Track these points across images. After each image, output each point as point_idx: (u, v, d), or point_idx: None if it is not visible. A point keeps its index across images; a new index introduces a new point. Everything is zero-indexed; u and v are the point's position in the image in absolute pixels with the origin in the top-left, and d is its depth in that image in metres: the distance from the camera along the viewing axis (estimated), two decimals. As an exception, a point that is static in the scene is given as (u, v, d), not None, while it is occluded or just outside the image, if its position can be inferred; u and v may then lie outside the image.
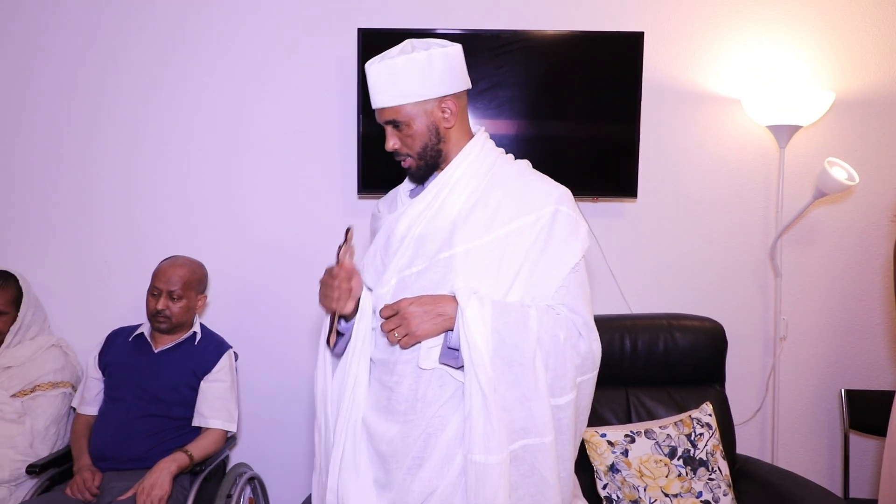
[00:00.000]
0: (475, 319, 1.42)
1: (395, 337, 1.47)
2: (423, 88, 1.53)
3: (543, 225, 1.54)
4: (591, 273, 2.72)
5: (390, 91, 1.54)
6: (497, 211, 1.55)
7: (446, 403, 1.49)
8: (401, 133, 1.57)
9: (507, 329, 1.44)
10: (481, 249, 1.52)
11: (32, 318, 2.54)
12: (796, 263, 2.76)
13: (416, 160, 1.59)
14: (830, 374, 2.79)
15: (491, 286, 1.51)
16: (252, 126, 2.71)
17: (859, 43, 2.69)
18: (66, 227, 2.73)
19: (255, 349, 2.73)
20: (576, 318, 1.53)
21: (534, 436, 1.47)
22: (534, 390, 1.46)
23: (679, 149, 2.72)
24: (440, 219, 1.56)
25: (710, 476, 2.20)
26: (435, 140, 1.57)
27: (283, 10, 2.67)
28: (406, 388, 1.50)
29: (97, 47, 2.69)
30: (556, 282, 1.53)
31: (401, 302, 1.47)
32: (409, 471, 1.49)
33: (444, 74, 1.54)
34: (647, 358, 2.43)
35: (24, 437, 2.34)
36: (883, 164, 2.71)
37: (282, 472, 2.77)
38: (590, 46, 2.58)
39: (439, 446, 1.48)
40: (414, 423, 1.49)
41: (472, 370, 1.42)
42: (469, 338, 1.42)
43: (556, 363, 1.49)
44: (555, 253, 1.54)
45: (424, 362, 1.49)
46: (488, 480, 1.41)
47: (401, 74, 1.52)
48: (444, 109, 1.57)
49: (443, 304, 1.47)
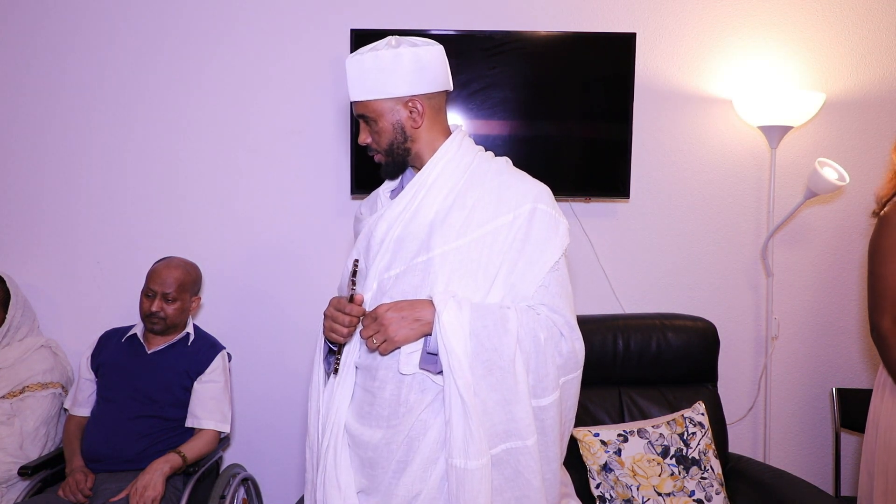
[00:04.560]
0: (452, 324, 1.41)
1: (374, 343, 1.45)
2: (388, 86, 1.52)
3: (521, 224, 1.52)
4: (583, 273, 2.73)
5: (359, 86, 1.53)
6: (473, 211, 1.52)
7: (428, 408, 1.48)
8: (370, 128, 1.57)
9: (485, 332, 1.43)
10: (458, 252, 1.50)
11: (21, 319, 2.53)
12: (788, 263, 2.77)
13: (384, 156, 1.59)
14: (822, 373, 2.81)
15: (470, 288, 1.49)
16: (245, 127, 2.70)
17: (850, 44, 2.71)
18: (58, 229, 2.71)
19: (249, 350, 2.73)
20: (556, 318, 1.50)
21: (516, 439, 1.46)
22: (514, 393, 1.44)
23: (671, 149, 2.73)
24: (418, 220, 1.54)
25: (702, 475, 2.21)
26: (401, 139, 1.56)
27: (275, 11, 2.67)
28: (388, 394, 1.50)
29: (88, 48, 2.68)
30: (536, 282, 1.51)
31: (378, 308, 1.46)
32: (393, 474, 1.49)
33: (412, 74, 1.51)
34: (639, 358, 2.44)
35: (13, 438, 2.33)
36: (873, 164, 2.73)
37: (275, 473, 2.77)
38: (582, 47, 2.59)
39: (422, 450, 1.47)
40: (397, 429, 1.48)
41: (451, 375, 1.40)
42: (446, 343, 1.40)
43: (538, 364, 1.47)
44: (533, 252, 1.51)
45: (405, 367, 1.48)
46: (469, 485, 1.40)
47: (368, 70, 1.51)
48: (410, 109, 1.54)
49: (420, 309, 1.45)
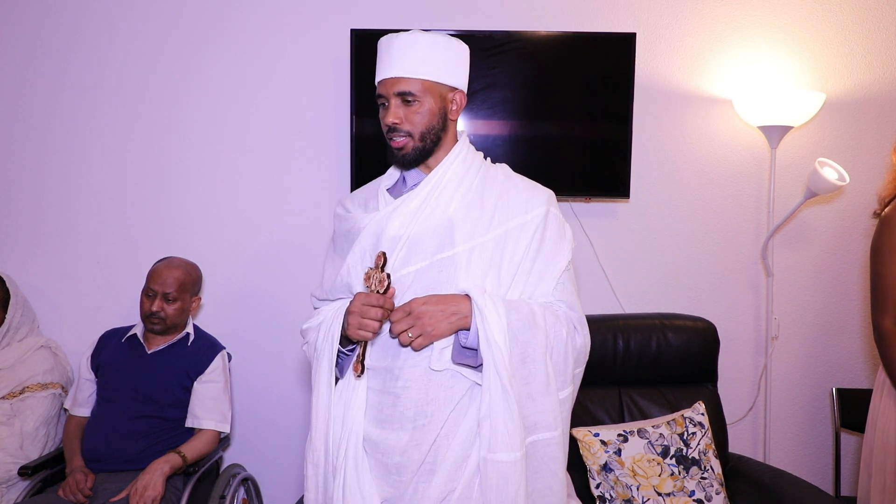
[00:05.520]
0: (493, 317, 1.42)
1: (409, 338, 1.44)
2: (443, 71, 1.54)
3: (538, 224, 1.56)
4: (583, 273, 2.74)
5: (411, 63, 1.50)
6: (494, 210, 1.55)
7: (458, 405, 1.47)
8: (408, 108, 1.52)
9: (519, 325, 1.45)
10: (483, 248, 1.52)
11: (21, 320, 2.53)
12: (788, 263, 2.77)
13: (414, 140, 1.53)
14: (822, 373, 2.81)
15: (494, 284, 1.51)
16: (245, 127, 2.70)
17: (849, 44, 2.71)
18: (58, 229, 2.71)
19: (249, 350, 2.73)
20: (572, 315, 1.56)
21: (543, 430, 1.47)
22: (545, 385, 1.47)
23: (671, 149, 2.73)
24: (436, 217, 1.53)
25: (702, 475, 2.20)
26: (439, 125, 1.55)
27: (275, 11, 2.67)
28: (415, 393, 1.47)
29: (88, 48, 2.68)
30: (554, 279, 1.56)
31: (412, 302, 1.45)
32: (422, 477, 1.46)
33: (462, 68, 1.58)
34: (639, 358, 2.44)
35: (13, 438, 2.33)
36: (873, 164, 2.73)
37: (275, 473, 2.77)
38: (582, 47, 2.59)
39: (453, 449, 1.46)
40: (425, 428, 1.46)
41: (493, 369, 1.41)
42: (490, 336, 1.41)
43: (559, 358, 1.51)
44: (549, 252, 1.57)
45: (437, 364, 1.46)
46: (510, 478, 1.40)
47: (424, 51, 1.51)
48: (451, 100, 1.57)
49: (456, 303, 1.45)
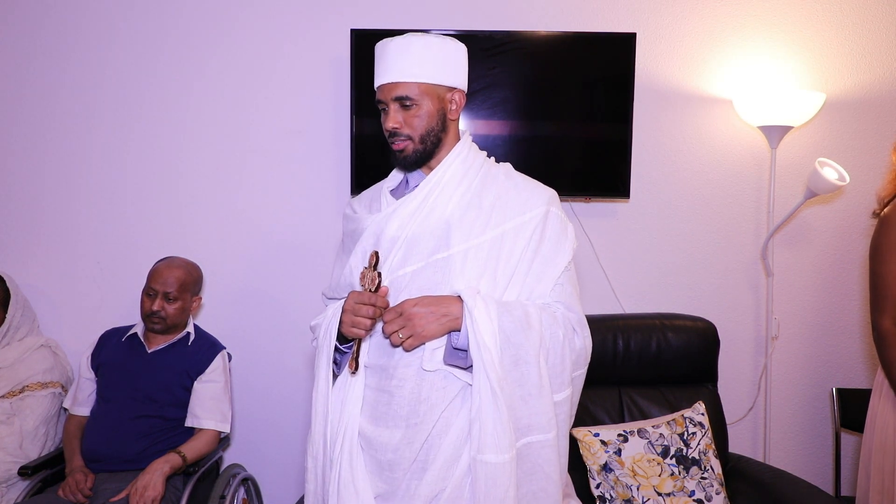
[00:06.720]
0: (483, 319, 1.42)
1: (399, 338, 1.45)
2: (440, 73, 1.54)
3: (536, 225, 1.56)
4: (583, 273, 2.73)
5: (408, 67, 1.52)
6: (492, 211, 1.55)
7: (450, 405, 1.48)
8: (407, 112, 1.54)
9: (512, 327, 1.45)
10: (479, 249, 1.52)
11: (21, 319, 2.53)
12: (788, 263, 2.77)
13: (415, 143, 1.55)
14: (822, 373, 2.80)
15: (489, 285, 1.51)
16: (245, 127, 2.70)
17: (849, 44, 2.71)
18: (58, 229, 2.71)
19: (249, 350, 2.73)
20: (571, 316, 1.55)
21: (537, 432, 1.47)
22: (538, 387, 1.46)
23: (671, 149, 2.73)
24: (433, 218, 1.54)
25: (702, 475, 2.20)
26: (439, 126, 1.56)
27: (275, 11, 2.67)
28: (408, 392, 1.48)
29: (88, 48, 2.67)
30: (552, 280, 1.55)
31: (404, 303, 1.46)
32: (414, 475, 1.47)
33: (460, 67, 1.58)
34: (639, 358, 2.44)
35: (13, 438, 2.33)
36: (873, 164, 2.73)
37: (275, 473, 2.76)
38: (582, 47, 2.59)
39: (444, 448, 1.47)
40: (418, 427, 1.47)
41: (483, 370, 1.41)
42: (479, 338, 1.41)
43: (555, 360, 1.50)
44: (548, 253, 1.56)
45: (428, 364, 1.47)
46: (499, 480, 1.41)
47: (420, 54, 1.52)
48: (450, 101, 1.57)
49: (447, 305, 1.45)
